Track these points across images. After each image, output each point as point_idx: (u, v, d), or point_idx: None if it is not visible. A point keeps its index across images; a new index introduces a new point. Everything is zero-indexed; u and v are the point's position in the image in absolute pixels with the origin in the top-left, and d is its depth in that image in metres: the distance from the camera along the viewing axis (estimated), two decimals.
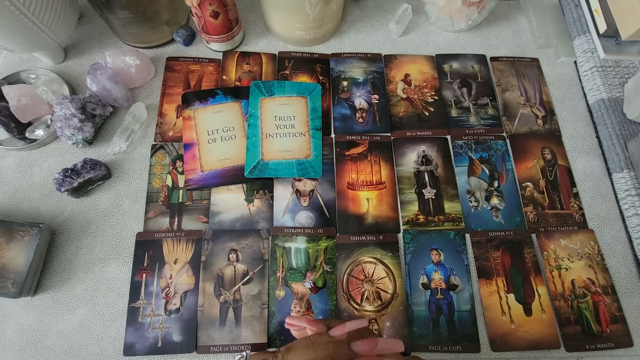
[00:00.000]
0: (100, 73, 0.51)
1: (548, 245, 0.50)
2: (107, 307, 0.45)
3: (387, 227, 0.50)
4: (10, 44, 0.49)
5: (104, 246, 0.48)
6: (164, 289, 0.46)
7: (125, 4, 0.50)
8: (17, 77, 0.54)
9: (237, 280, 0.47)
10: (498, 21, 0.65)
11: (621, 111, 0.56)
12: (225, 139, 0.52)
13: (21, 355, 0.43)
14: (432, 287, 0.47)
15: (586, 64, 0.59)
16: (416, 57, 0.61)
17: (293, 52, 0.60)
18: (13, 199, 0.50)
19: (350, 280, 0.47)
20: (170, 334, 0.44)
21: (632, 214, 0.50)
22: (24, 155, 0.52)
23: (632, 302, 0.47)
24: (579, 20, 0.62)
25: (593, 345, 0.45)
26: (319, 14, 0.54)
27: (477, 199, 0.52)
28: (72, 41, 0.59)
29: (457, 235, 0.50)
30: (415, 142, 0.55)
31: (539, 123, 0.57)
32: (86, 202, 0.50)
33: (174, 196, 0.50)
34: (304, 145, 0.52)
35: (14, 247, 0.44)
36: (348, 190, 0.52)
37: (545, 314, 0.46)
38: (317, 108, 0.55)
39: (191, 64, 0.58)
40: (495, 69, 0.61)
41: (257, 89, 0.55)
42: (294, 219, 0.50)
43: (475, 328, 0.45)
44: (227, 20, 0.54)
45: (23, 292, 0.43)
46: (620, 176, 0.52)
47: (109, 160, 0.52)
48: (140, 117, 0.53)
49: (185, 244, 0.48)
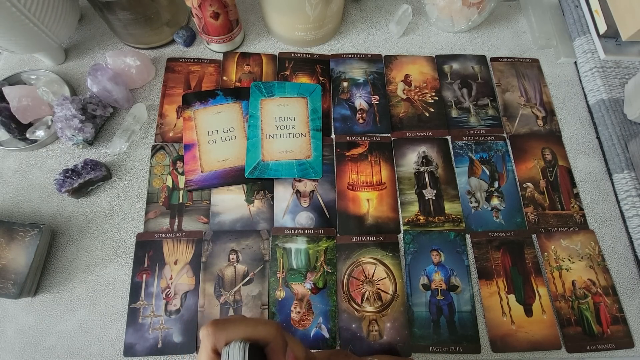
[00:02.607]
0: (100, 74, 0.51)
1: (548, 245, 0.49)
2: (108, 308, 0.45)
3: (387, 228, 0.50)
4: (10, 45, 0.49)
5: (104, 247, 0.48)
6: (164, 290, 0.46)
7: (125, 5, 0.50)
8: (17, 78, 0.54)
9: (237, 281, 0.47)
10: (498, 22, 0.65)
11: (621, 112, 0.56)
12: (225, 139, 0.52)
13: (21, 356, 0.43)
14: (433, 288, 0.47)
15: (586, 65, 0.59)
16: (416, 57, 0.61)
17: (293, 52, 0.60)
18: (13, 199, 0.50)
19: (350, 281, 0.47)
20: (170, 334, 0.44)
21: (632, 214, 0.50)
22: (24, 156, 0.52)
23: (633, 303, 0.47)
24: (579, 21, 0.62)
25: (594, 346, 0.45)
26: (319, 15, 0.54)
27: (478, 199, 0.52)
28: (72, 42, 0.59)
29: (457, 235, 0.50)
30: (416, 142, 0.55)
31: (539, 124, 0.57)
32: (86, 203, 0.50)
33: (174, 197, 0.50)
34: (304, 146, 0.52)
35: (14, 248, 0.44)
36: (348, 190, 0.51)
37: (545, 314, 0.46)
38: (318, 109, 0.55)
39: (191, 64, 0.58)
40: (495, 69, 0.61)
41: (257, 90, 0.55)
42: (294, 220, 0.50)
43: (476, 329, 0.45)
44: (228, 21, 0.54)
45: (23, 292, 0.43)
46: (620, 177, 0.52)
47: (110, 161, 0.52)
48: (140, 117, 0.53)
49: (185, 245, 0.48)
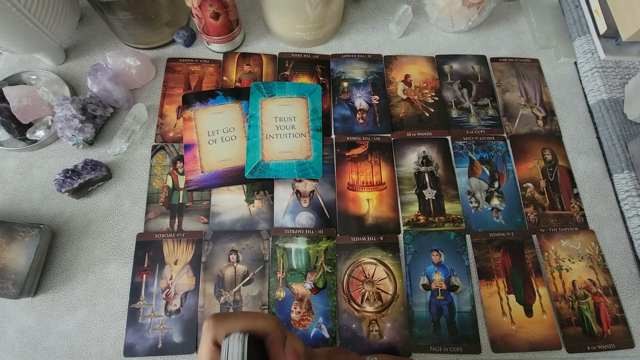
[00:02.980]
0: (100, 74, 0.51)
1: (549, 246, 0.49)
2: (108, 308, 0.45)
3: (387, 228, 0.50)
4: (11, 45, 0.49)
5: (105, 247, 0.48)
6: (164, 290, 0.46)
7: (125, 5, 0.50)
8: (17, 78, 0.54)
9: (237, 281, 0.47)
10: (498, 22, 0.65)
11: (622, 112, 0.56)
12: (225, 139, 0.52)
13: (21, 356, 0.43)
14: (433, 288, 0.47)
15: (586, 65, 0.59)
16: (416, 57, 0.61)
17: (293, 53, 0.60)
18: (14, 199, 0.50)
19: (350, 281, 0.47)
20: (170, 334, 0.44)
21: (632, 214, 0.50)
22: (24, 156, 0.52)
23: (633, 303, 0.47)
24: (579, 21, 0.62)
25: (594, 346, 0.45)
26: (319, 15, 0.54)
27: (478, 199, 0.52)
28: (72, 42, 0.59)
29: (457, 236, 0.50)
30: (416, 142, 0.55)
31: (540, 124, 0.57)
32: (87, 203, 0.50)
33: (174, 197, 0.50)
34: (304, 146, 0.52)
35: (14, 248, 0.44)
36: (348, 191, 0.51)
37: (546, 314, 0.46)
38: (318, 109, 0.55)
39: (192, 65, 0.58)
40: (495, 69, 0.61)
41: (257, 90, 0.55)
42: (295, 220, 0.50)
43: (476, 329, 0.45)
44: (228, 21, 0.54)
45: (23, 292, 0.43)
46: (621, 177, 0.52)
47: (110, 161, 0.52)
48: (140, 118, 0.53)
49: (185, 245, 0.48)
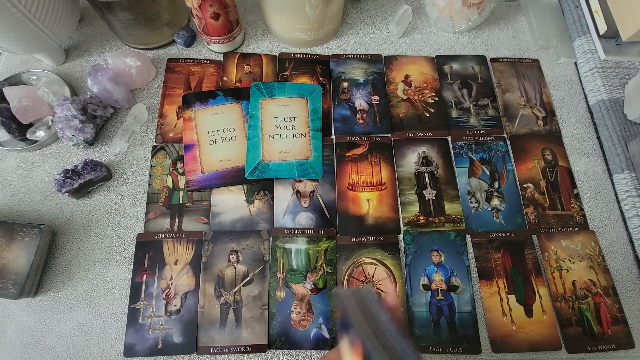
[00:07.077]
0: (101, 74, 0.51)
1: (549, 246, 0.49)
2: (108, 308, 0.45)
3: (387, 228, 0.50)
4: (11, 46, 0.49)
5: (105, 247, 0.48)
6: (165, 290, 0.46)
7: (126, 6, 0.50)
8: (18, 78, 0.55)
9: (237, 282, 0.47)
10: (498, 22, 0.65)
11: (622, 112, 0.56)
12: (225, 140, 0.52)
13: (21, 356, 0.43)
14: (433, 288, 0.47)
15: (586, 65, 0.59)
16: (416, 58, 0.61)
17: (293, 53, 0.60)
18: (14, 200, 0.50)
19: (350, 281, 0.47)
20: (170, 335, 0.44)
21: (633, 214, 0.50)
22: (24, 157, 0.52)
23: (634, 303, 0.47)
24: (579, 21, 0.62)
25: (594, 346, 0.45)
26: (319, 16, 0.54)
27: (478, 199, 0.52)
28: (73, 43, 0.60)
29: (457, 236, 0.50)
30: (416, 143, 0.55)
31: (540, 124, 0.57)
32: (87, 203, 0.50)
33: (174, 197, 0.50)
34: (304, 146, 0.52)
35: (14, 248, 0.44)
36: (348, 191, 0.51)
37: (546, 315, 0.46)
38: (318, 109, 0.55)
39: (192, 65, 0.58)
40: (495, 70, 0.61)
41: (257, 90, 0.55)
42: (295, 220, 0.50)
43: (476, 329, 0.45)
44: (228, 21, 0.54)
45: (23, 293, 0.43)
46: (621, 177, 0.52)
47: (110, 161, 0.52)
48: (141, 118, 0.53)
49: (185, 245, 0.48)
